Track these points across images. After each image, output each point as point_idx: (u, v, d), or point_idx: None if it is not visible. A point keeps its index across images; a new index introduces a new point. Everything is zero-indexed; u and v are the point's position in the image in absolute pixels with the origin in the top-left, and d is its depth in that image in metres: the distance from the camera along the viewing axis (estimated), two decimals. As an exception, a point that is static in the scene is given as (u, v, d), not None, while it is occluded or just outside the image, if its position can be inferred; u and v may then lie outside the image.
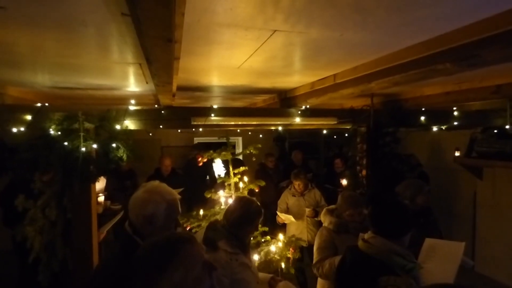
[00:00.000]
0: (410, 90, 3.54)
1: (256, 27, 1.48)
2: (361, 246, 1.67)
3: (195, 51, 1.88)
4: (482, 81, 2.84)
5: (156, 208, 1.44)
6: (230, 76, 2.66)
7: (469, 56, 1.54)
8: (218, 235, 1.94)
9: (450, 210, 5.29)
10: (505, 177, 4.48)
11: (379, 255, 1.57)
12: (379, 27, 1.50)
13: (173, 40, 1.21)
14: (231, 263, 1.84)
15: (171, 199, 1.52)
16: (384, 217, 1.67)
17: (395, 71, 1.96)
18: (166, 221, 1.46)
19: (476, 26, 1.44)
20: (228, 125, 3.38)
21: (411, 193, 3.42)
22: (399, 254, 1.57)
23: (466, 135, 4.69)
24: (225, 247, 1.89)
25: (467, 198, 5.11)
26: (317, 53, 1.98)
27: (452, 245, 2.10)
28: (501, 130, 4.13)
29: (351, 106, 3.93)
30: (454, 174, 5.21)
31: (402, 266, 1.55)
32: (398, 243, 1.60)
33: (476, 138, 4.56)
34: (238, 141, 7.48)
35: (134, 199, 1.49)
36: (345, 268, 1.68)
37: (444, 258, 1.97)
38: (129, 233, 1.45)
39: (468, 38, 1.49)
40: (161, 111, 2.96)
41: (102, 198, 4.09)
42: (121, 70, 2.35)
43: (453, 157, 4.78)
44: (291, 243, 3.13)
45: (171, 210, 1.50)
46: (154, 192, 1.50)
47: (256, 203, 2.11)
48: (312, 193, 4.25)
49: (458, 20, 1.45)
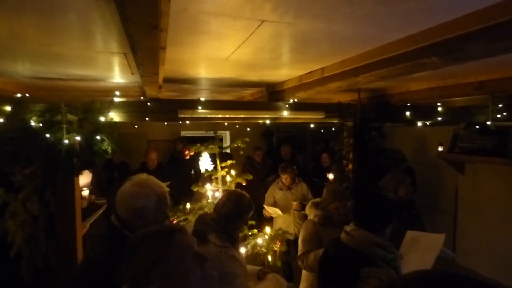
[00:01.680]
0: (396, 85, 3.58)
1: (244, 16, 1.46)
2: (343, 238, 1.70)
3: (182, 41, 1.85)
4: (466, 77, 2.89)
5: (146, 201, 1.43)
6: (218, 68, 2.63)
7: (454, 50, 1.56)
8: (208, 228, 1.93)
9: (433, 204, 5.42)
10: (486, 173, 4.62)
11: (360, 247, 1.60)
12: (367, 20, 1.50)
13: (158, 28, 1.18)
14: (221, 256, 1.84)
15: (161, 191, 1.51)
16: (365, 210, 1.70)
17: (382, 65, 1.98)
18: (156, 214, 1.45)
19: (461, 21, 1.46)
20: (216, 118, 3.36)
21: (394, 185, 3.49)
22: (380, 246, 1.59)
23: (449, 131, 4.80)
24: (215, 240, 1.88)
25: (449, 192, 5.24)
26: (305, 45, 1.97)
27: (432, 237, 2.16)
28: (483, 127, 4.25)
29: (339, 101, 3.96)
30: (438, 169, 5.33)
31: (383, 258, 1.58)
32: (379, 235, 1.63)
33: (459, 134, 4.68)
34: (226, 135, 7.45)
35: (123, 193, 1.46)
36: (328, 260, 1.70)
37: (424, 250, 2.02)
38: (117, 227, 1.43)
39: (454, 32, 1.51)
40: (147, 103, 2.91)
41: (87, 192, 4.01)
42: (105, 60, 2.29)
43: (436, 152, 4.89)
44: (278, 236, 3.15)
45: (161, 203, 1.49)
46: (143, 185, 1.48)
47: (247, 197, 2.11)
48: (299, 187, 4.29)
49: (444, 15, 1.47)
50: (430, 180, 5.45)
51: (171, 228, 1.09)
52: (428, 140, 5.53)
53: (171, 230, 1.07)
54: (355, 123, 3.79)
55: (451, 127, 4.73)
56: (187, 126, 6.49)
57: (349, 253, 1.61)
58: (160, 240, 1.02)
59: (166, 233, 1.05)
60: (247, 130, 6.40)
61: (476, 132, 4.41)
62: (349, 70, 2.26)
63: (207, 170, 3.34)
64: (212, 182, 3.31)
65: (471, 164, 4.77)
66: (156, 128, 6.76)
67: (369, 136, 3.79)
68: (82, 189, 3.13)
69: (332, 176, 4.44)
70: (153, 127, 6.68)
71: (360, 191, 1.86)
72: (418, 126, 4.37)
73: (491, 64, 2.47)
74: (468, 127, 4.53)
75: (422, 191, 4.95)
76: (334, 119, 3.78)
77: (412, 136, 5.76)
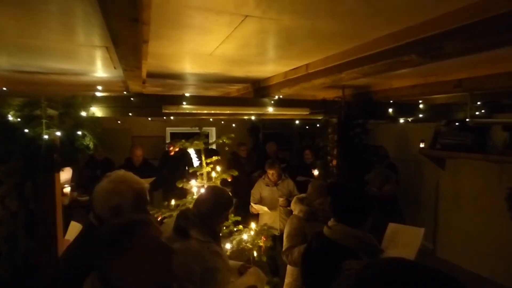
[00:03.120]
0: (379, 82, 3.65)
1: (228, 11, 1.46)
2: (325, 232, 1.73)
3: (165, 35, 1.83)
4: (446, 75, 2.97)
5: (122, 198, 1.39)
6: (203, 63, 2.61)
7: (433, 48, 1.60)
8: (189, 223, 1.92)
9: (415, 198, 5.55)
10: (465, 168, 4.76)
11: (342, 241, 1.64)
12: (348, 17, 1.53)
13: (140, 21, 1.16)
14: (203, 252, 1.84)
15: (138, 188, 1.46)
16: (343, 205, 1.74)
17: (364, 62, 2.01)
18: (134, 211, 1.42)
19: (439, 19, 1.50)
20: (201, 114, 3.34)
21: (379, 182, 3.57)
22: (361, 239, 1.64)
23: (431, 128, 4.92)
24: (197, 235, 1.88)
25: (430, 187, 5.38)
26: (289, 41, 1.98)
27: (412, 230, 2.22)
28: (462, 123, 4.37)
29: (323, 98, 3.99)
30: (419, 165, 5.46)
31: (364, 250, 1.61)
32: (359, 228, 1.66)
33: (440, 131, 4.81)
34: (212, 131, 7.42)
35: (99, 190, 1.42)
36: (311, 253, 1.73)
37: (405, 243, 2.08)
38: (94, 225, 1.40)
39: (432, 31, 1.55)
40: (131, 98, 2.87)
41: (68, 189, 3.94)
42: (87, 53, 2.24)
43: (418, 149, 5.01)
44: (263, 232, 3.17)
45: (138, 199, 1.44)
46: (119, 182, 1.44)
47: (228, 193, 2.11)
48: (285, 183, 4.32)
49: (423, 13, 1.50)
50: (412, 176, 5.58)
51: (136, 220, 1.09)
52: (410, 136, 5.65)
53: (136, 222, 1.08)
54: (340, 119, 3.84)
55: (433, 123, 4.84)
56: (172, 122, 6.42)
57: (331, 247, 1.64)
58: (124, 233, 1.03)
59: (130, 225, 1.06)
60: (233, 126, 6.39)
61: (456, 128, 4.54)
62: (332, 66, 2.29)
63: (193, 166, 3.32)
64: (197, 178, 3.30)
65: (451, 160, 4.91)
66: (141, 124, 6.67)
67: (353, 133, 3.85)
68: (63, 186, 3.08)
69: (317, 172, 4.50)
70: (138, 123, 6.59)
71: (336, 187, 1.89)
72: (400, 123, 4.47)
73: (469, 63, 2.54)
74: (449, 124, 4.66)
75: (405, 186, 5.06)
76: (319, 116, 3.82)
77: (395, 132, 5.88)
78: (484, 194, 4.49)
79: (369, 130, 3.95)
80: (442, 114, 4.52)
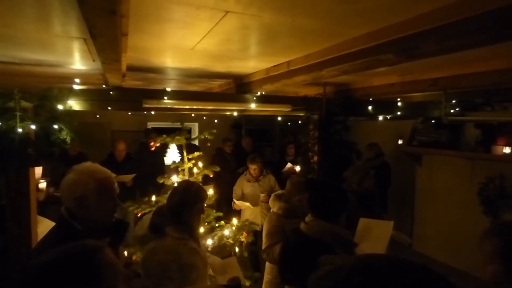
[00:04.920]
0: (359, 80, 3.72)
1: (208, 6, 1.45)
2: (303, 228, 1.76)
3: (145, 28, 1.80)
4: (422, 74, 3.07)
5: (85, 189, 1.37)
6: (184, 58, 2.59)
7: (408, 48, 1.66)
8: (164, 220, 1.90)
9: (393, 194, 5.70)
10: (440, 164, 4.93)
11: (319, 236, 1.67)
12: (328, 15, 1.55)
13: (118, 13, 1.15)
14: (179, 249, 1.83)
15: (102, 177, 1.44)
16: (319, 201, 1.77)
17: (343, 60, 2.05)
18: (99, 201, 1.40)
19: (414, 20, 1.55)
20: (183, 109, 3.31)
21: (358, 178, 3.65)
22: (337, 234, 1.67)
23: (408, 125, 5.07)
24: (172, 232, 1.87)
25: (408, 182, 5.55)
26: (270, 38, 1.99)
27: (382, 224, 2.29)
28: (437, 121, 4.52)
29: (305, 94, 4.04)
30: (398, 161, 5.61)
31: (340, 245, 1.65)
32: (335, 223, 1.70)
33: (416, 128, 4.95)
34: (194, 126, 7.37)
35: (64, 182, 1.41)
36: (289, 249, 1.75)
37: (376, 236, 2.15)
38: (65, 218, 1.39)
39: (408, 31, 1.60)
40: (110, 91, 2.81)
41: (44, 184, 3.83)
42: (63, 45, 2.18)
43: (396, 145, 5.15)
44: (245, 227, 3.20)
45: (103, 189, 1.42)
46: (83, 172, 1.42)
47: (196, 185, 2.07)
48: (266, 179, 4.35)
49: (399, 14, 1.55)
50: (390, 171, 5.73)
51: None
52: (388, 133, 5.80)
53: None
54: (321, 116, 3.89)
55: (410, 121, 4.99)
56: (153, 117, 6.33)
57: (308, 242, 1.67)
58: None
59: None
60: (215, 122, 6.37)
61: (432, 126, 4.69)
62: (313, 64, 2.32)
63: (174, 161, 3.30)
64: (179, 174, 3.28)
65: (427, 156, 5.07)
66: (121, 118, 6.53)
67: (334, 129, 3.92)
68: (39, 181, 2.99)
69: (299, 168, 4.55)
70: (118, 117, 6.45)
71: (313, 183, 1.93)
72: (379, 120, 4.58)
73: (443, 62, 2.63)
74: (425, 122, 4.80)
75: (383, 182, 5.20)
76: (300, 112, 3.87)
77: (374, 129, 6.01)
78: (458, 189, 4.67)
79: (349, 126, 4.03)
80: (419, 112, 4.67)
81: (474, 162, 4.34)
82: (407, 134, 5.09)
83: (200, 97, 3.39)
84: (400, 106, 4.36)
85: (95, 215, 1.39)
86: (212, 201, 3.19)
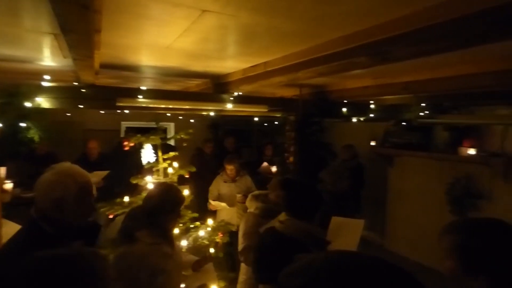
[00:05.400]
0: (335, 82, 3.80)
1: (185, 4, 1.44)
2: (277, 227, 1.77)
3: (120, 24, 1.76)
4: (394, 78, 3.18)
5: (65, 191, 1.33)
6: (160, 56, 2.55)
7: (381, 52, 1.72)
8: (137, 224, 1.82)
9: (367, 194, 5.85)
10: (411, 165, 5.12)
11: (293, 235, 1.69)
12: (304, 17, 1.58)
13: (90, 8, 1.12)
14: (150, 255, 1.75)
15: (84, 181, 1.41)
16: (293, 200, 1.79)
17: (319, 62, 2.09)
18: (77, 206, 1.36)
19: (386, 25, 1.61)
20: (158, 109, 3.26)
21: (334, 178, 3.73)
22: (311, 232, 1.71)
23: (381, 127, 5.23)
24: (145, 238, 1.78)
25: (380, 183, 5.72)
26: (248, 38, 2.01)
27: (353, 222, 2.35)
28: (409, 124, 4.70)
29: (282, 96, 4.08)
30: (371, 162, 5.77)
31: (313, 243, 1.68)
32: (309, 222, 1.73)
33: (389, 130, 5.12)
34: (170, 126, 7.24)
35: (41, 182, 1.36)
36: (263, 247, 1.76)
37: (347, 234, 2.20)
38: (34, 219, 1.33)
39: (381, 35, 1.66)
40: (82, 89, 2.72)
41: (11, 185, 3.64)
42: (33, 40, 2.09)
43: (370, 147, 5.30)
44: (220, 228, 3.18)
45: (83, 193, 1.39)
46: (64, 174, 1.38)
47: (176, 189, 2.03)
48: (243, 179, 4.34)
49: (372, 18, 1.60)
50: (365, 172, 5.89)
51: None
52: (362, 135, 5.95)
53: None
54: (297, 117, 3.95)
55: (383, 123, 5.15)
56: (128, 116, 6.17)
57: (283, 241, 1.69)
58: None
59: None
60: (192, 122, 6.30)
61: (403, 128, 4.87)
62: (290, 65, 2.35)
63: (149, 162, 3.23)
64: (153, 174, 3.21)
65: (398, 157, 5.25)
66: (94, 117, 6.31)
67: (310, 130, 3.98)
68: (4, 181, 2.83)
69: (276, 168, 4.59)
70: (91, 116, 6.23)
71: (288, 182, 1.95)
72: (354, 122, 4.70)
73: (414, 67, 2.75)
74: (397, 124, 4.98)
75: (357, 182, 5.33)
76: (277, 113, 3.91)
77: (349, 131, 6.16)
78: (428, 189, 4.86)
79: (324, 128, 4.11)
80: (392, 115, 4.83)
81: (443, 163, 4.55)
82: (380, 136, 5.25)
83: (177, 96, 3.35)
84: (374, 109, 4.50)
85: (69, 219, 1.34)
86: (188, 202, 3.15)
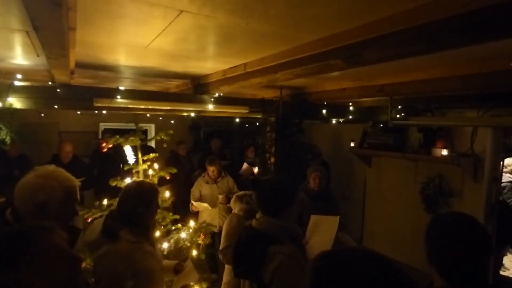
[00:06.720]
0: (313, 84, 3.87)
1: (162, 4, 1.44)
2: (254, 224, 1.84)
3: (96, 23, 1.74)
4: (370, 80, 3.28)
5: (50, 195, 1.29)
6: (138, 56, 2.52)
7: (354, 55, 1.77)
8: (118, 224, 1.83)
9: (346, 194, 5.99)
10: (387, 165, 5.28)
11: (268, 230, 1.75)
12: (281, 19, 1.61)
13: (63, 6, 1.10)
14: (134, 253, 1.76)
15: (69, 185, 1.38)
16: (263, 199, 1.86)
17: (297, 64, 2.13)
18: (60, 210, 1.32)
19: (359, 29, 1.66)
20: (137, 109, 3.21)
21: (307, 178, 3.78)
22: (285, 227, 1.77)
23: (359, 128, 5.36)
24: (128, 236, 1.79)
25: (359, 183, 5.86)
26: (226, 39, 2.02)
27: (329, 219, 2.44)
28: (385, 125, 4.84)
29: (262, 97, 4.12)
30: (350, 163, 5.92)
31: (288, 237, 1.74)
32: (281, 217, 1.79)
33: (367, 131, 5.26)
34: (151, 128, 7.14)
35: (23, 184, 1.31)
36: (241, 244, 1.81)
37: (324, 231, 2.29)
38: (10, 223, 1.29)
39: (354, 39, 1.71)
40: (57, 89, 2.65)
41: (-20, 189, 3.49)
42: (3, 37, 2.03)
43: (348, 148, 5.43)
44: (202, 229, 3.16)
45: (68, 198, 1.36)
46: (49, 177, 1.34)
47: (147, 183, 2.03)
48: (225, 180, 4.34)
49: (346, 22, 1.65)
50: (343, 173, 6.01)
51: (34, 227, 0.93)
52: (341, 136, 6.09)
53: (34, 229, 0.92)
54: (277, 118, 3.99)
55: (361, 125, 5.28)
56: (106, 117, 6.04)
57: (258, 236, 1.76)
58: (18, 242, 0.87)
59: (27, 233, 0.91)
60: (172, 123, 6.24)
61: (380, 129, 5.01)
62: (268, 67, 2.38)
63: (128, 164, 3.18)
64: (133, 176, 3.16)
65: (376, 158, 5.41)
66: (70, 118, 6.14)
67: (290, 131, 4.04)
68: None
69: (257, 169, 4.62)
70: (66, 117, 6.06)
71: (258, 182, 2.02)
72: (333, 123, 4.79)
73: (388, 70, 2.84)
74: (374, 125, 5.12)
75: (337, 182, 5.44)
76: (258, 114, 3.93)
77: (328, 132, 6.28)
78: (403, 188, 5.03)
79: (304, 129, 4.17)
80: (369, 116, 4.96)
81: (417, 163, 4.71)
82: (358, 137, 5.38)
83: (156, 97, 3.32)
84: (352, 110, 4.60)
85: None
86: (169, 203, 3.12)
